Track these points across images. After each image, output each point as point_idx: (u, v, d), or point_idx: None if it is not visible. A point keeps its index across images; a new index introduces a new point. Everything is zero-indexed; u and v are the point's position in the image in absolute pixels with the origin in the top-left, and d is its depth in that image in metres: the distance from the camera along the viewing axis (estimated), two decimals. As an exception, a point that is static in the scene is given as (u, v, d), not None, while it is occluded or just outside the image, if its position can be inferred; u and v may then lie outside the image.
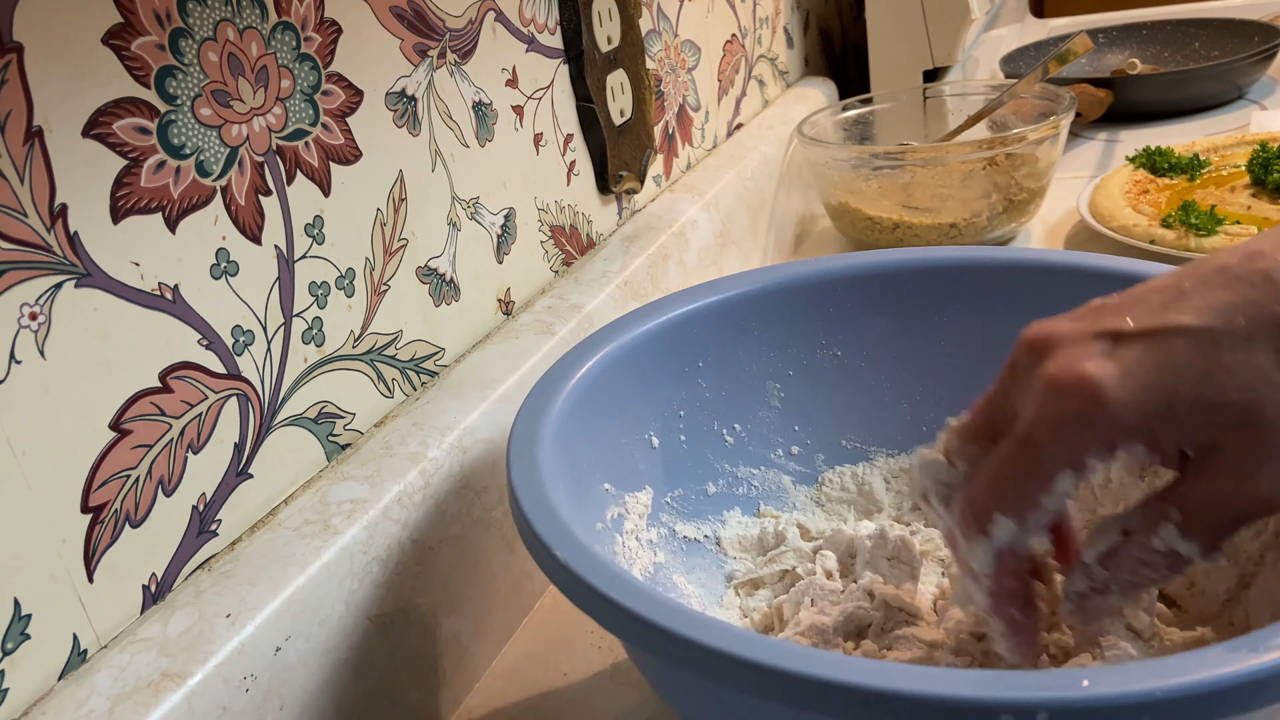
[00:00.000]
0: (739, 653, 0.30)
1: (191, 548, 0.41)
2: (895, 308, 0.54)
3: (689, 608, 0.35)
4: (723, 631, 0.31)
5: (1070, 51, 0.87)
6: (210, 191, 0.41)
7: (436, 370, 0.55)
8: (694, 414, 0.53)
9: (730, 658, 0.30)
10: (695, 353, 0.53)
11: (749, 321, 0.54)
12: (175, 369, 0.40)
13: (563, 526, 0.37)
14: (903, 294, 0.54)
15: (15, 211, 0.34)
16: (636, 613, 0.32)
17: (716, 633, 0.31)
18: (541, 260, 0.64)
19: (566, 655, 0.51)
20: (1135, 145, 0.95)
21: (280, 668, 0.39)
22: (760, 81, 1.00)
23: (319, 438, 0.47)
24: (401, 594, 0.45)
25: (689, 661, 0.31)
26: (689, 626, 0.31)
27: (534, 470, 0.40)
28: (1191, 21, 1.24)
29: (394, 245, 0.51)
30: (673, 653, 0.31)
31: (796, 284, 0.54)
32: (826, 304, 0.54)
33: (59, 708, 0.35)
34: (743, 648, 0.30)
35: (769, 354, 0.54)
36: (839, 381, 0.55)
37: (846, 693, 0.28)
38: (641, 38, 0.72)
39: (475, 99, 0.57)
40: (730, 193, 0.82)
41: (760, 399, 0.54)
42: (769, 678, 0.29)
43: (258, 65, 0.43)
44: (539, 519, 0.37)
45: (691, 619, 0.32)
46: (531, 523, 0.37)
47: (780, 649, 0.30)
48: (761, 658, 0.30)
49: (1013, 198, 0.83)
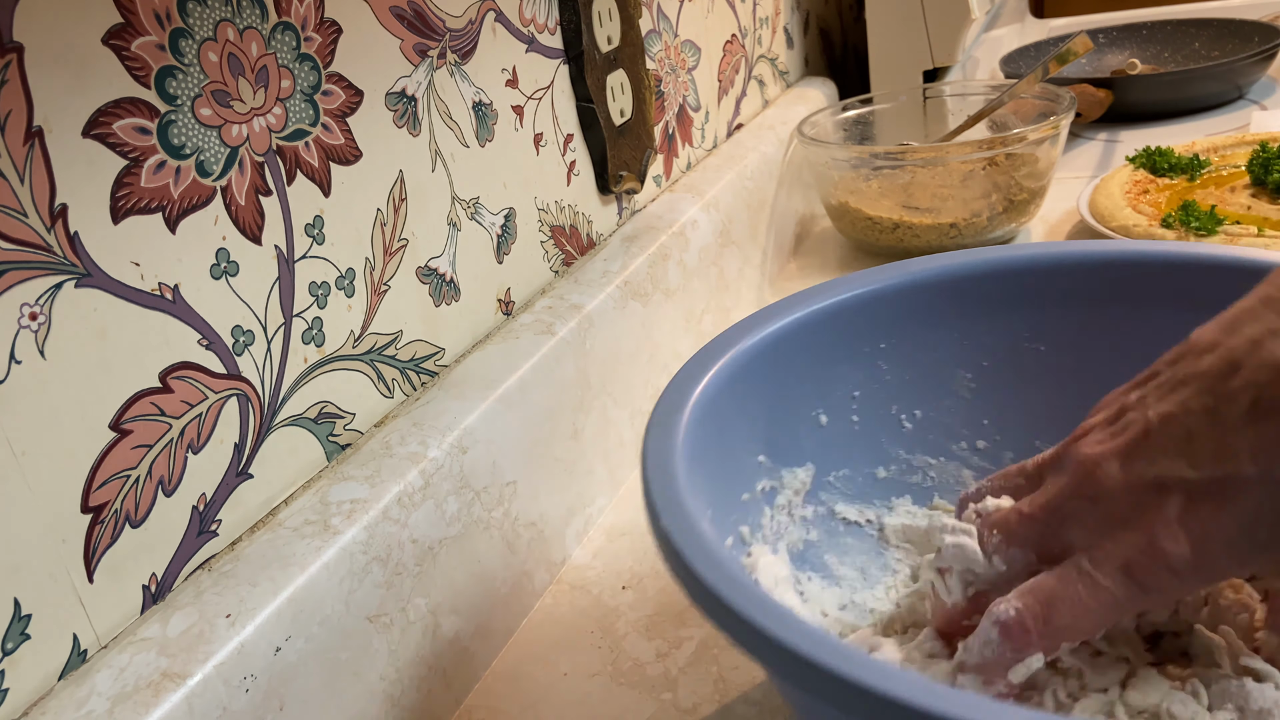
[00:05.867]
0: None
1: (191, 548, 0.41)
2: (1117, 305, 0.49)
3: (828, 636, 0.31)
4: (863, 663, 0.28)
5: (1070, 51, 0.87)
6: (210, 191, 0.41)
7: (436, 370, 0.55)
8: (870, 396, 0.50)
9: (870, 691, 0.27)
10: (878, 333, 0.50)
11: (942, 305, 0.50)
12: (175, 369, 0.40)
13: (692, 525, 0.35)
14: (1127, 290, 0.49)
15: (15, 211, 0.34)
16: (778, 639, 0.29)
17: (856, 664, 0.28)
18: (541, 260, 0.64)
19: (566, 655, 0.51)
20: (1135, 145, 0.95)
21: (280, 668, 0.39)
22: (760, 81, 1.00)
23: (319, 438, 0.47)
24: (401, 594, 0.45)
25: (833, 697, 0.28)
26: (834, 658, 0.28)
27: (669, 452, 0.39)
28: (1191, 21, 1.24)
29: (394, 245, 0.51)
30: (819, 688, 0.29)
31: (1001, 269, 0.50)
32: (1035, 294, 0.50)
33: (59, 708, 0.35)
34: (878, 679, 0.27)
35: (962, 341, 0.51)
36: (1039, 378, 0.50)
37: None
38: (641, 38, 0.72)
39: (475, 99, 0.57)
40: (730, 193, 0.82)
41: (947, 387, 0.51)
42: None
43: (258, 65, 0.43)
44: (666, 503, 0.36)
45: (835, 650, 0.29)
46: (658, 507, 0.36)
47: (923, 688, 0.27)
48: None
49: (1013, 198, 0.83)
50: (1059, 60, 0.87)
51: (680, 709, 0.46)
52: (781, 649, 0.29)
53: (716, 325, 0.78)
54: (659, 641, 0.51)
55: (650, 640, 0.51)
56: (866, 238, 0.88)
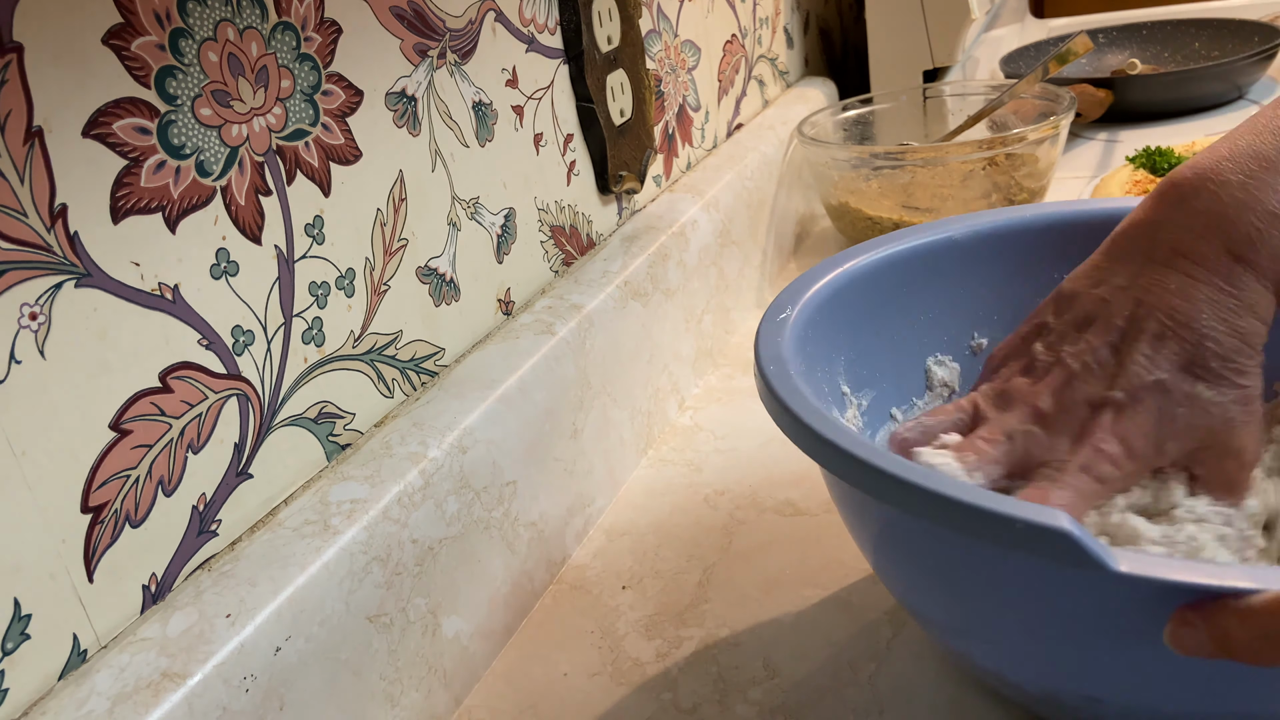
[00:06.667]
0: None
1: (191, 548, 0.41)
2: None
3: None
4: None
5: (1070, 51, 0.87)
6: (210, 191, 0.41)
7: (436, 370, 0.55)
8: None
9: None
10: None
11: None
12: (175, 369, 0.40)
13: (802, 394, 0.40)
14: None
15: (15, 211, 0.34)
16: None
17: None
18: (541, 260, 0.64)
19: (566, 655, 0.51)
20: (1135, 145, 0.95)
21: (280, 668, 0.39)
22: (760, 81, 1.00)
23: (319, 438, 0.47)
24: (401, 594, 0.45)
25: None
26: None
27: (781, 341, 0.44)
28: (1191, 21, 1.24)
29: (394, 245, 0.51)
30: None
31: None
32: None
33: (59, 708, 0.35)
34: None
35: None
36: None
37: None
38: (641, 38, 0.72)
39: (475, 99, 0.57)
40: (730, 193, 0.82)
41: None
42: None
43: (258, 65, 0.43)
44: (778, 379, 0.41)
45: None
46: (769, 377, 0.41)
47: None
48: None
49: (1013, 198, 0.83)
50: (1059, 60, 0.87)
51: (680, 709, 0.46)
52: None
53: (716, 325, 0.78)
54: (659, 641, 0.51)
55: (650, 640, 0.51)
56: (866, 238, 0.88)
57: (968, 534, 0.33)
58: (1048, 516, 0.31)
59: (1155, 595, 0.31)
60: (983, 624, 0.39)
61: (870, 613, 0.50)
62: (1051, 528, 0.31)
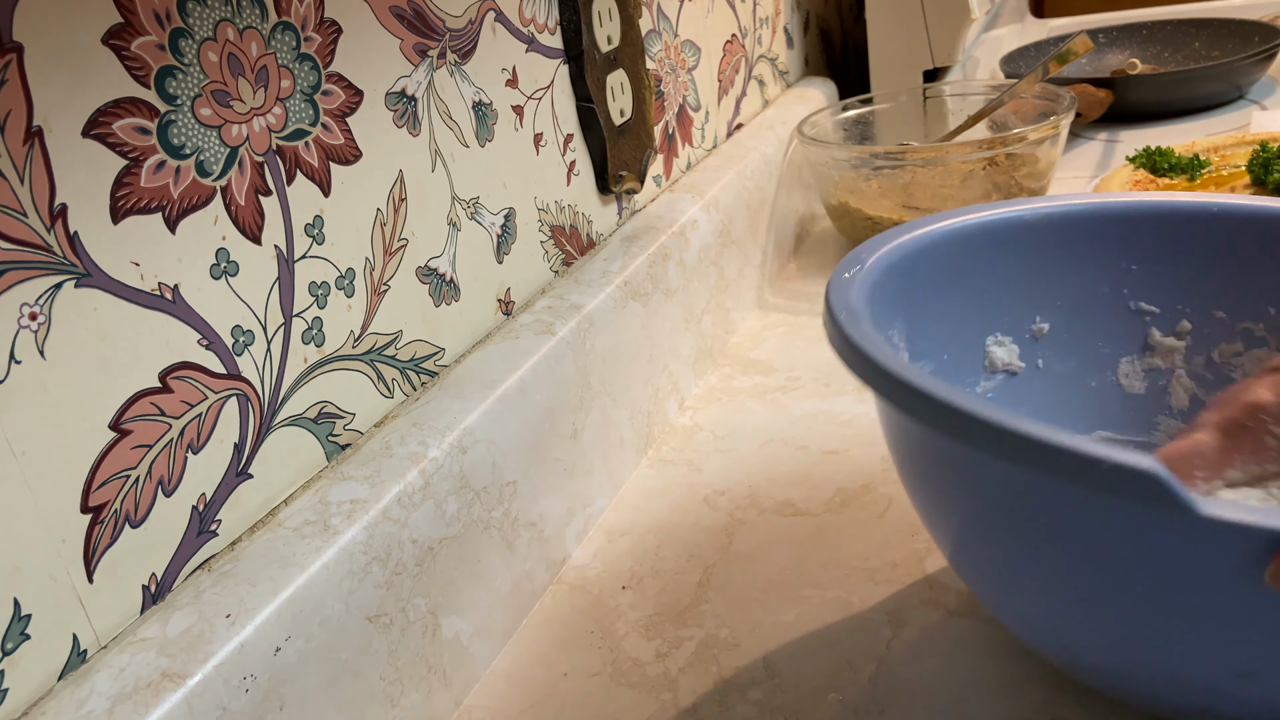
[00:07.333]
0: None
1: (191, 548, 0.41)
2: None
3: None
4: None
5: (1070, 51, 0.87)
6: (210, 191, 0.41)
7: (436, 370, 0.55)
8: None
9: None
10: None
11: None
12: (175, 369, 0.40)
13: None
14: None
15: (15, 211, 0.34)
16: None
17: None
18: (541, 260, 0.64)
19: (566, 655, 0.51)
20: (1135, 145, 0.96)
21: (280, 668, 0.39)
22: (760, 81, 1.00)
23: (319, 438, 0.47)
24: (401, 594, 0.45)
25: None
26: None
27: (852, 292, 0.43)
28: (1191, 21, 1.24)
29: (394, 245, 0.51)
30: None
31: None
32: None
33: (59, 708, 0.35)
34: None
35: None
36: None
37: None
38: (641, 38, 0.72)
39: (475, 99, 0.57)
40: (730, 193, 0.82)
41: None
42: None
43: (258, 65, 0.43)
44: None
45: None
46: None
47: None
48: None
49: (1013, 198, 0.83)
50: (1059, 60, 0.87)
51: (680, 709, 0.46)
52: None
53: (716, 325, 0.78)
54: (659, 641, 0.51)
55: (650, 640, 0.51)
56: (866, 238, 0.88)
57: (1053, 475, 0.32)
58: (1135, 459, 0.30)
59: (1247, 543, 0.30)
60: (1063, 585, 0.37)
61: (870, 613, 0.50)
62: (1139, 469, 0.30)
